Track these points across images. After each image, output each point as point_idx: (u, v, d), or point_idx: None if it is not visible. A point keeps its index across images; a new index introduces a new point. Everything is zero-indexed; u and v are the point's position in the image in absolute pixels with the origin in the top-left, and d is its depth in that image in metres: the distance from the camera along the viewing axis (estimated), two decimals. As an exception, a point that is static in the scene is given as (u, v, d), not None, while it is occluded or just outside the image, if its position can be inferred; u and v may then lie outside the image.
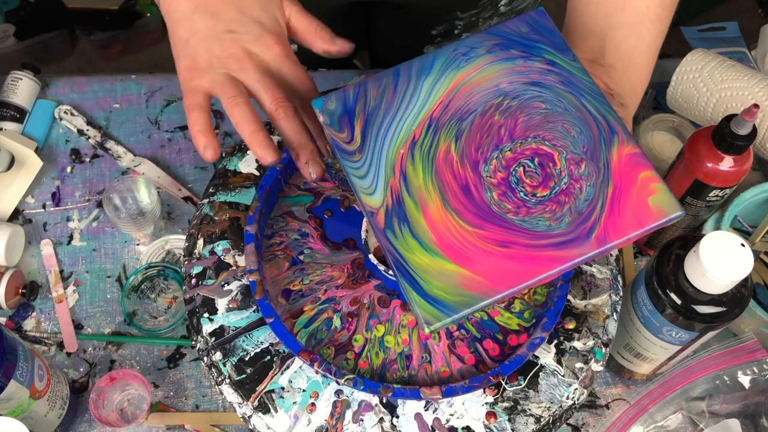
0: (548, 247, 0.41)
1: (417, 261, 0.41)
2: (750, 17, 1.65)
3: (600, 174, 0.43)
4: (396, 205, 0.43)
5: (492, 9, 0.76)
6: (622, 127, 0.44)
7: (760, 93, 0.69)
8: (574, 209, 0.42)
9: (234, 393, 0.48)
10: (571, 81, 0.45)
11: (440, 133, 0.45)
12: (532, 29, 0.47)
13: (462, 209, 0.43)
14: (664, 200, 0.42)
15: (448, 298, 0.40)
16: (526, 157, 0.44)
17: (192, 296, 0.51)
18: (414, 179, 0.44)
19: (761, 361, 0.61)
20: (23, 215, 0.73)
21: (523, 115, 0.45)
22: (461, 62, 0.46)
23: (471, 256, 0.41)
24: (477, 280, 0.40)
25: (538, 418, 0.48)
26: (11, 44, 1.59)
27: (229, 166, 0.56)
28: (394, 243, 0.42)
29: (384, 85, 0.46)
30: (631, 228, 0.42)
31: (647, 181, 0.42)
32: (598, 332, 0.51)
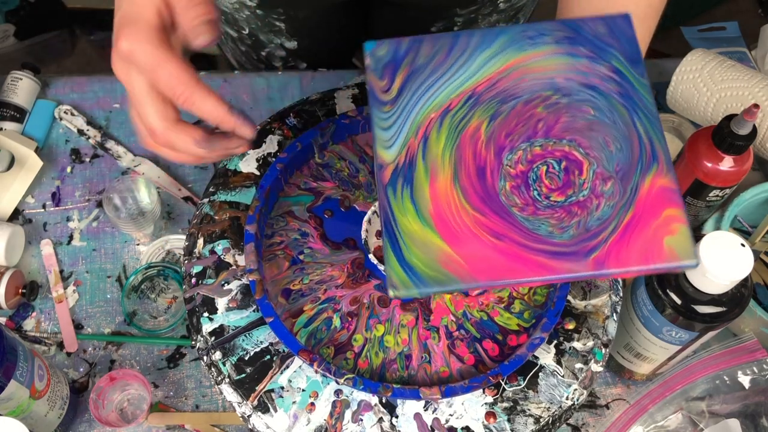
0: (542, 252, 0.40)
1: (406, 225, 0.40)
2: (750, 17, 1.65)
3: (624, 197, 0.41)
4: (407, 166, 0.42)
5: (491, 5, 0.76)
6: (666, 156, 0.42)
7: (760, 93, 0.69)
8: (583, 224, 0.40)
9: (233, 392, 0.48)
10: (630, 95, 0.43)
11: (477, 108, 0.43)
12: (610, 32, 0.44)
13: (470, 189, 0.41)
14: (681, 244, 0.39)
15: (423, 271, 0.39)
16: (555, 157, 0.42)
17: (192, 295, 0.51)
18: (434, 146, 0.42)
19: (761, 361, 0.61)
20: (23, 215, 0.73)
21: (568, 115, 0.43)
22: (525, 45, 0.44)
23: (461, 238, 0.40)
24: (458, 262, 0.39)
25: (538, 418, 0.48)
26: (11, 44, 1.59)
27: (229, 165, 0.56)
28: (391, 201, 0.41)
29: (439, 46, 0.45)
30: (634, 261, 0.39)
31: (671, 219, 0.40)
32: (597, 333, 0.51)
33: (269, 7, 0.75)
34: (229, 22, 0.80)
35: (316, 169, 0.57)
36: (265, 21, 0.77)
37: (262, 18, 0.77)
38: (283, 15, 0.76)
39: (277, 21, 0.77)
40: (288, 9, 0.76)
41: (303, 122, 0.58)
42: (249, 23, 0.78)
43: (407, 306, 0.52)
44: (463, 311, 0.52)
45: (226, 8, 0.77)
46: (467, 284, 0.39)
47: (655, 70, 0.83)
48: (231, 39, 0.83)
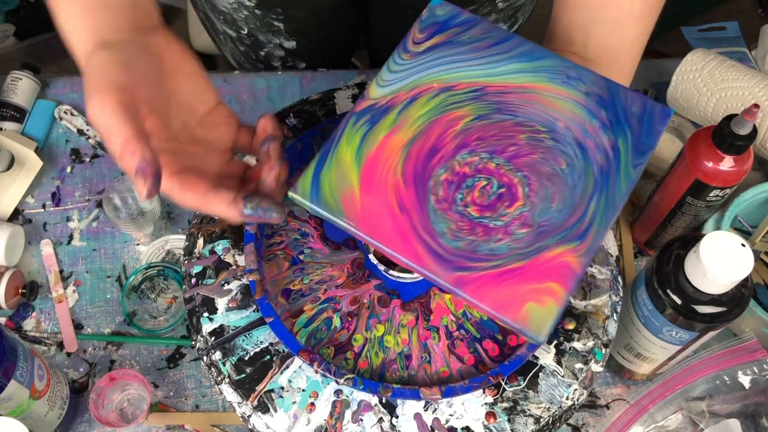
0: (424, 243, 0.40)
1: (342, 153, 0.42)
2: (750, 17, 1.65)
3: (527, 249, 0.41)
4: (381, 110, 0.44)
5: (490, 5, 0.76)
6: (593, 244, 0.41)
7: (761, 93, 0.69)
8: (474, 245, 0.41)
9: (233, 392, 0.48)
10: (608, 176, 0.42)
11: (474, 103, 0.44)
12: (642, 115, 0.44)
13: (412, 159, 0.43)
14: (540, 317, 0.39)
15: (325, 193, 0.42)
16: (500, 181, 0.42)
17: (192, 295, 0.51)
18: (415, 109, 0.44)
19: (761, 361, 0.61)
20: (23, 215, 0.73)
21: (541, 155, 0.43)
22: (559, 79, 0.44)
23: (373, 189, 0.42)
24: (356, 204, 0.41)
25: (538, 418, 0.48)
26: (11, 44, 1.59)
27: (228, 166, 0.56)
28: (347, 126, 0.43)
29: (488, 35, 0.46)
30: (488, 302, 0.39)
31: (549, 292, 0.39)
32: (598, 333, 0.51)
33: (268, 7, 0.75)
34: (228, 22, 0.80)
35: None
36: (263, 21, 0.77)
37: (261, 18, 0.77)
38: (281, 15, 0.76)
39: (276, 21, 0.77)
40: (287, 9, 0.76)
41: (303, 122, 0.58)
42: (248, 23, 0.78)
43: (407, 306, 0.52)
44: (463, 311, 0.52)
45: (224, 8, 0.77)
46: (348, 225, 0.41)
47: (655, 70, 0.83)
48: (230, 39, 0.83)
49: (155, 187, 0.37)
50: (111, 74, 0.38)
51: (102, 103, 0.37)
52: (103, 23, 0.42)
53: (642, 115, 0.43)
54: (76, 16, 0.42)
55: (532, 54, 0.45)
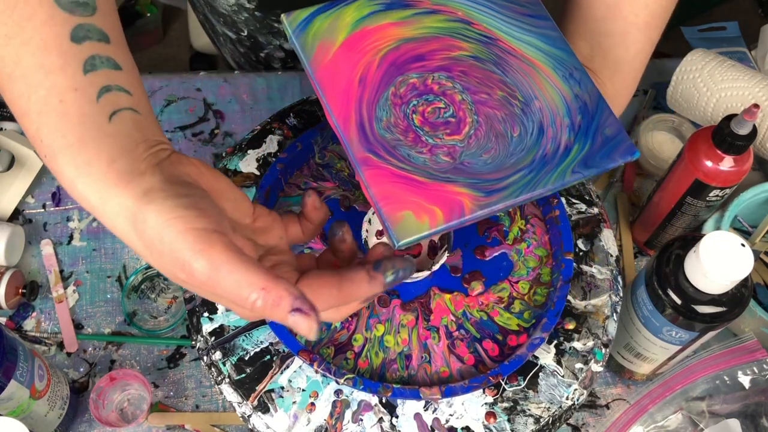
0: (359, 116, 0.43)
1: (346, 12, 0.46)
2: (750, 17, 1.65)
3: (437, 172, 0.42)
4: (402, 3, 0.46)
5: None
6: (493, 204, 0.41)
7: (761, 93, 0.69)
8: (397, 144, 0.42)
9: (234, 392, 0.48)
10: (546, 164, 0.43)
11: (479, 46, 0.46)
12: (608, 138, 0.44)
13: (398, 52, 0.45)
14: (408, 225, 0.40)
15: (310, 30, 0.45)
16: (455, 112, 0.44)
17: (192, 295, 0.51)
18: (429, 19, 0.46)
19: (761, 361, 0.61)
20: (23, 215, 0.73)
21: (503, 115, 0.44)
22: (560, 70, 0.45)
23: (349, 54, 0.44)
24: (326, 55, 0.44)
25: (538, 418, 0.48)
26: (12, 44, 1.58)
27: (229, 165, 0.56)
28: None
29: (528, 5, 0.47)
30: (376, 188, 0.41)
31: (430, 213, 0.40)
32: (597, 333, 0.51)
33: (268, 8, 0.75)
34: (228, 24, 0.80)
35: (316, 169, 0.57)
36: (263, 23, 0.77)
37: (261, 20, 0.77)
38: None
39: (276, 22, 0.77)
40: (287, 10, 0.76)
41: (303, 122, 0.58)
42: (248, 25, 0.78)
43: (407, 306, 0.52)
44: (462, 311, 0.52)
45: (224, 10, 0.77)
46: (309, 67, 0.44)
47: (655, 70, 0.83)
48: (230, 41, 0.83)
49: (319, 320, 0.31)
50: (192, 223, 0.32)
51: (214, 262, 0.31)
52: (126, 169, 0.34)
53: (610, 139, 0.44)
54: (88, 165, 0.34)
55: (554, 40, 0.47)
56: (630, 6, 0.51)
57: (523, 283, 0.53)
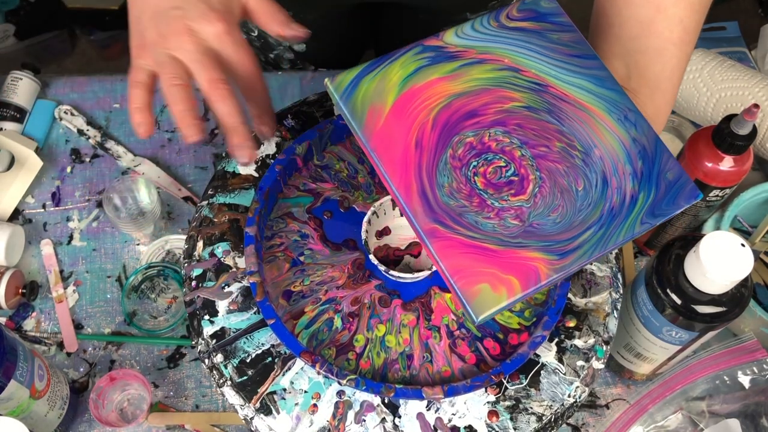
0: (420, 183, 0.42)
1: (392, 71, 0.45)
2: (750, 17, 1.65)
3: (508, 238, 0.41)
4: (447, 56, 0.45)
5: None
6: (568, 265, 0.41)
7: (760, 93, 0.69)
8: (463, 211, 0.41)
9: (236, 395, 0.48)
10: (615, 217, 0.42)
11: (531, 94, 0.45)
12: (671, 183, 0.43)
13: (450, 110, 0.43)
14: (486, 299, 0.40)
15: (358, 94, 0.43)
16: (517, 170, 0.43)
17: (192, 298, 0.51)
18: (476, 70, 0.45)
19: (761, 361, 0.61)
20: (23, 215, 0.73)
21: (565, 169, 0.43)
22: (614, 113, 0.45)
23: (401, 117, 0.43)
24: (379, 120, 0.43)
25: (540, 416, 0.48)
26: (11, 44, 1.58)
27: (227, 167, 0.56)
28: (408, 52, 0.45)
29: (575, 46, 0.46)
30: (448, 261, 0.40)
31: (506, 283, 0.40)
32: (598, 330, 0.51)
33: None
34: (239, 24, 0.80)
35: (315, 171, 0.57)
36: None
37: None
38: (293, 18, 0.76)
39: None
40: (298, 12, 0.75)
41: (301, 123, 0.58)
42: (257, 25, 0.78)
43: (408, 306, 0.52)
44: (463, 310, 0.52)
45: None
46: (362, 135, 0.43)
47: (655, 70, 0.83)
48: None
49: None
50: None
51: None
52: None
53: (673, 184, 0.43)
54: None
55: (604, 81, 0.45)
56: (665, 22, 0.50)
57: (524, 283, 0.53)
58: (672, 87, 0.53)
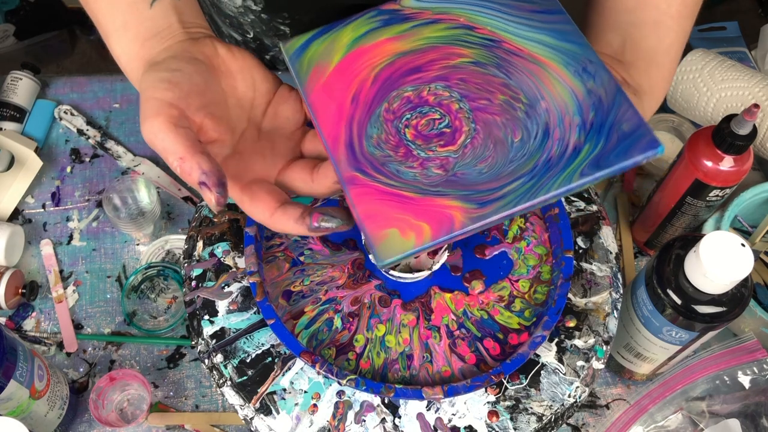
0: (348, 134, 0.42)
1: (343, 34, 0.45)
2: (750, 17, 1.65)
3: (427, 186, 0.40)
4: (400, 18, 0.45)
5: None
6: (487, 216, 0.40)
7: (761, 93, 0.69)
8: (387, 160, 0.41)
9: (236, 395, 0.48)
10: (550, 169, 0.40)
11: (481, 50, 0.44)
12: (625, 134, 0.41)
13: (393, 67, 0.43)
14: (392, 243, 0.39)
15: (306, 55, 0.44)
16: (451, 123, 0.42)
17: (192, 298, 0.51)
18: (428, 30, 0.44)
19: (761, 361, 0.61)
20: (23, 215, 0.73)
21: (503, 120, 0.42)
22: (571, 66, 0.43)
23: (343, 75, 0.43)
24: (321, 78, 0.43)
25: (540, 416, 0.48)
26: (11, 44, 1.59)
27: (229, 166, 0.56)
28: (362, 17, 0.46)
29: (538, 1, 0.45)
30: (362, 207, 0.40)
31: (417, 229, 0.39)
32: (598, 330, 0.51)
33: (274, 11, 0.75)
34: (234, 26, 0.79)
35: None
36: (269, 25, 0.77)
37: (267, 22, 0.77)
38: (288, 19, 0.76)
39: (282, 25, 0.77)
40: (293, 13, 0.75)
41: (303, 122, 0.58)
42: (254, 27, 0.78)
43: (408, 306, 0.52)
44: (463, 310, 0.52)
45: (230, 12, 0.77)
46: (304, 90, 0.43)
47: (655, 70, 0.83)
48: (235, 42, 0.83)
49: (222, 196, 0.37)
50: (156, 94, 0.38)
51: (152, 128, 0.37)
52: (152, 47, 0.42)
53: (627, 135, 0.40)
54: (128, 45, 0.43)
55: (567, 34, 0.44)
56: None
57: (524, 281, 0.53)
58: (669, 62, 0.52)
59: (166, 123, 0.37)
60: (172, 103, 0.38)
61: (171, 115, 0.38)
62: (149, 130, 0.37)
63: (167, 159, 0.38)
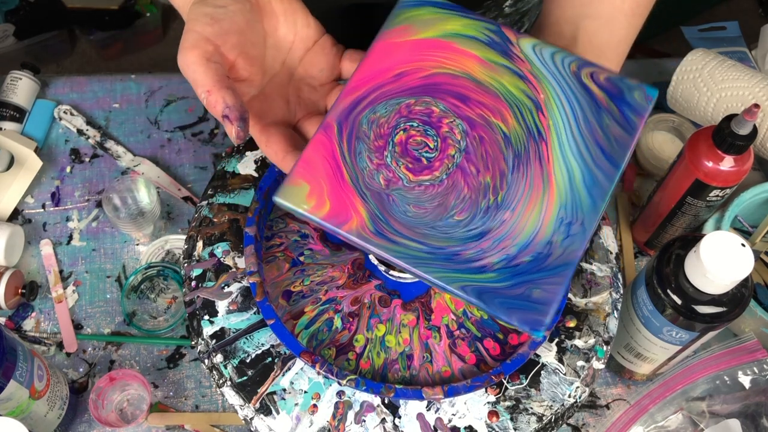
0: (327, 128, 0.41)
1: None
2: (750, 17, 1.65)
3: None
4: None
5: (497, 9, 0.76)
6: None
7: (761, 93, 0.69)
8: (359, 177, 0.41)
9: (236, 395, 0.48)
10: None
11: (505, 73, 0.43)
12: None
13: (397, 85, 0.43)
14: (293, 192, 0.40)
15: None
16: (440, 163, 0.41)
17: (192, 298, 0.51)
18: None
19: (761, 361, 0.61)
20: (23, 215, 0.73)
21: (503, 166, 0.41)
22: (560, 225, 0.40)
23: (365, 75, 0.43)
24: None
25: (540, 416, 0.48)
26: (11, 44, 1.58)
27: (227, 167, 0.56)
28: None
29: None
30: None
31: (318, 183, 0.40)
32: (599, 330, 0.51)
33: None
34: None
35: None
36: None
37: None
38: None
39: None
40: None
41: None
42: None
43: (408, 306, 0.52)
44: (463, 310, 0.52)
45: None
46: (380, 34, 0.44)
47: (655, 70, 0.83)
48: None
49: (242, 131, 0.39)
50: (197, 27, 0.40)
51: (186, 59, 0.39)
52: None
53: (527, 300, 0.38)
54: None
55: (594, 186, 0.41)
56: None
57: (524, 283, 0.53)
58: (617, 57, 0.53)
59: (199, 57, 0.39)
60: (210, 38, 0.40)
61: (206, 50, 0.39)
62: (183, 60, 0.39)
63: (196, 89, 0.40)
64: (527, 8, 0.79)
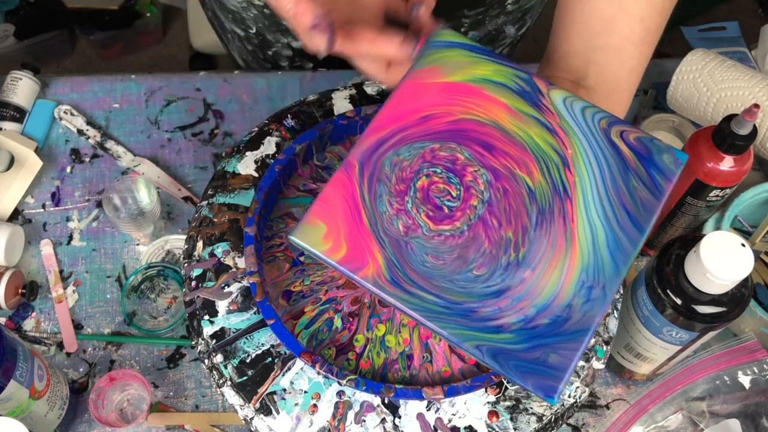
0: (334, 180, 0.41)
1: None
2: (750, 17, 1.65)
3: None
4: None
5: (499, 7, 0.76)
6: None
7: (761, 93, 0.69)
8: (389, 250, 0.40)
9: (236, 395, 0.48)
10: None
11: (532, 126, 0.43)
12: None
13: (419, 129, 0.42)
14: (308, 231, 0.40)
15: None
16: (462, 213, 0.41)
17: (192, 298, 0.51)
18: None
19: (761, 361, 0.61)
20: (23, 215, 0.73)
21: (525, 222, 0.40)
22: (582, 289, 0.40)
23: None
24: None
25: (540, 416, 0.48)
26: (11, 44, 1.58)
27: (227, 167, 0.56)
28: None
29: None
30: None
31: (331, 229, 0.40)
32: (599, 330, 0.51)
33: None
34: (236, 21, 0.80)
35: (315, 171, 0.57)
36: (272, 20, 0.77)
37: (270, 17, 0.77)
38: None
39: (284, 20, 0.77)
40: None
41: (301, 123, 0.58)
42: (256, 22, 0.78)
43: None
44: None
45: (233, 7, 0.77)
46: (409, 72, 0.44)
47: (655, 70, 0.83)
48: (237, 38, 0.83)
49: (332, 40, 0.40)
50: None
51: None
52: None
53: (542, 364, 0.38)
54: None
55: (617, 250, 0.40)
56: (626, 20, 0.50)
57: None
58: (629, 87, 0.53)
59: None
60: None
61: None
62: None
63: (282, 6, 0.41)
64: (529, 6, 0.79)
